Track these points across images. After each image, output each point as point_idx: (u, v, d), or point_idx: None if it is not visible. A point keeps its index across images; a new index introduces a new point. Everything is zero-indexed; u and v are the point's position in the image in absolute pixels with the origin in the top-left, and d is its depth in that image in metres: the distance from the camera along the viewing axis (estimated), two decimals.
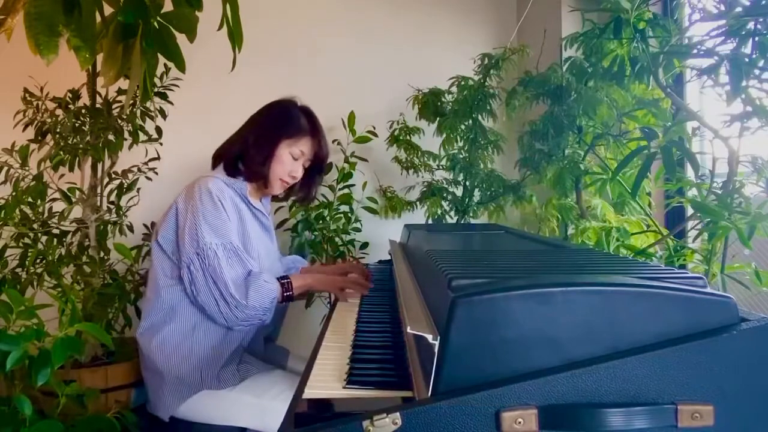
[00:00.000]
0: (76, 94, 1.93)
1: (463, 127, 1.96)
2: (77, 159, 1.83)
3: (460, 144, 1.99)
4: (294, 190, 1.63)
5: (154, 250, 1.43)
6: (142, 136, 1.97)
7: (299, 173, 1.54)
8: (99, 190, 1.91)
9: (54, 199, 1.87)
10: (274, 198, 1.66)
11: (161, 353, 1.39)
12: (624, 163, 1.40)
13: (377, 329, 1.09)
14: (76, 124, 1.86)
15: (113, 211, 1.92)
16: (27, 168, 1.84)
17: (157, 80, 1.89)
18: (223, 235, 1.35)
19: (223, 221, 1.37)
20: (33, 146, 1.88)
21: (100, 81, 1.82)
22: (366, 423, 0.53)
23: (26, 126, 1.90)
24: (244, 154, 1.48)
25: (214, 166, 1.54)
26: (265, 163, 1.47)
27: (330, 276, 1.57)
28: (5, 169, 1.83)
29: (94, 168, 1.89)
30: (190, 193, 1.41)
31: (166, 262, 1.41)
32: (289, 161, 1.50)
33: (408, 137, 2.17)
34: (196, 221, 1.34)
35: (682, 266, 1.42)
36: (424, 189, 2.10)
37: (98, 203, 1.89)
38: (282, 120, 1.51)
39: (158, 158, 2.00)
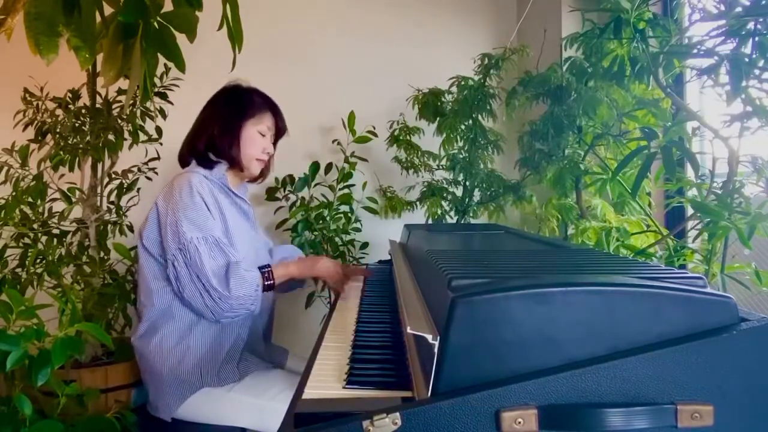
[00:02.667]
0: (76, 94, 1.92)
1: (463, 127, 1.96)
2: (77, 159, 1.83)
3: (460, 144, 1.99)
4: (268, 168, 1.64)
5: (141, 255, 1.43)
6: (142, 136, 1.97)
7: (271, 148, 1.59)
8: (99, 190, 1.91)
9: (54, 199, 1.87)
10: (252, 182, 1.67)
11: (159, 354, 1.39)
12: (624, 163, 1.40)
13: (377, 329, 1.09)
14: (76, 124, 1.86)
15: (113, 211, 1.92)
16: (27, 168, 1.84)
17: (157, 80, 1.89)
18: (204, 229, 1.35)
19: (204, 215, 1.37)
20: (33, 146, 1.88)
21: (100, 81, 1.82)
22: (366, 423, 0.53)
23: (26, 126, 1.90)
24: (213, 145, 1.50)
25: (185, 165, 1.55)
26: (232, 148, 1.50)
27: (312, 260, 1.58)
28: (5, 169, 1.83)
29: (94, 168, 1.89)
30: (168, 191, 1.41)
31: (155, 264, 1.41)
32: (259, 139, 1.54)
33: (408, 137, 2.17)
34: (177, 217, 1.35)
35: (682, 266, 1.42)
36: (424, 189, 2.10)
37: (98, 203, 1.89)
38: (239, 103, 1.54)
39: (158, 158, 2.00)
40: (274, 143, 1.62)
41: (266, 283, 1.41)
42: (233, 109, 1.53)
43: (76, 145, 1.82)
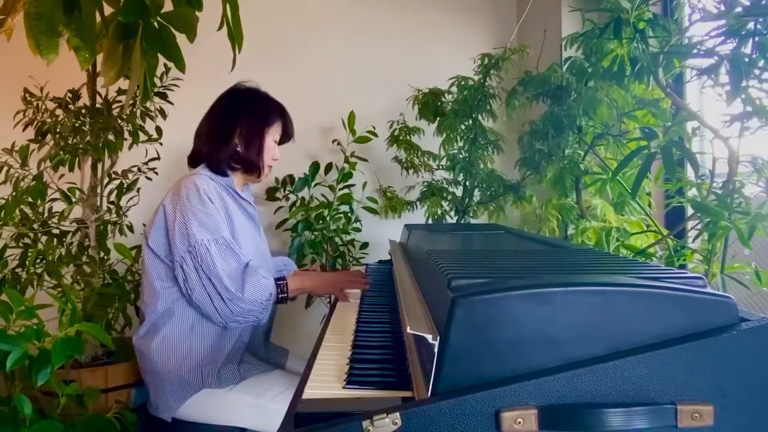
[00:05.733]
0: (76, 94, 1.92)
1: (463, 127, 1.96)
2: (77, 159, 1.83)
3: (460, 144, 1.99)
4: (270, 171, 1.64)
5: (146, 255, 1.42)
6: (142, 136, 1.97)
7: (278, 154, 1.58)
8: (99, 190, 1.91)
9: (54, 199, 1.87)
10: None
11: (160, 354, 1.39)
12: (624, 163, 1.40)
13: (377, 329, 1.09)
14: (76, 124, 1.86)
15: (113, 211, 1.92)
16: (27, 168, 1.84)
17: (157, 80, 1.89)
18: (214, 231, 1.35)
19: (212, 216, 1.37)
20: (33, 146, 1.88)
21: (100, 81, 1.82)
22: (366, 423, 0.53)
23: (26, 126, 1.90)
24: (236, 152, 1.49)
25: (194, 165, 1.54)
26: (258, 157, 1.50)
27: (328, 277, 1.57)
28: (5, 169, 1.83)
29: (94, 168, 1.89)
30: (176, 193, 1.40)
31: (160, 265, 1.41)
32: (272, 146, 1.55)
33: (408, 137, 2.17)
34: (186, 219, 1.34)
35: (682, 266, 1.42)
36: (424, 189, 2.10)
37: (98, 203, 1.89)
38: (261, 110, 1.53)
39: (158, 158, 2.00)
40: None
41: (280, 295, 1.41)
42: (256, 116, 1.52)
43: (76, 145, 1.82)
